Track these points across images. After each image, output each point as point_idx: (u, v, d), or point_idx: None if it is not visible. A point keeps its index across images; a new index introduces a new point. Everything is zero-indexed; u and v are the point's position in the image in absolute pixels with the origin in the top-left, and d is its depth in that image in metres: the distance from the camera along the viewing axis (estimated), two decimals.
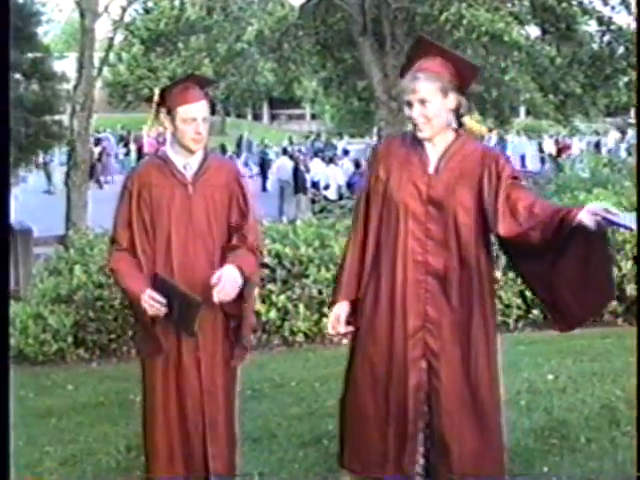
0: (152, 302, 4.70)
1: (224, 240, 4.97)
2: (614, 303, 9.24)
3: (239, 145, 45.51)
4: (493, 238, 4.53)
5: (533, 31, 22.80)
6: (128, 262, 4.89)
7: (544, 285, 4.46)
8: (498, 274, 9.67)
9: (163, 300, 4.69)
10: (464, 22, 19.01)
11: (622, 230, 3.96)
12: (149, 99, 4.98)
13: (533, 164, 38.17)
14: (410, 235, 4.44)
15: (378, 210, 4.54)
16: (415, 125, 4.42)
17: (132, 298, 4.86)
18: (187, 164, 4.95)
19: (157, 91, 4.95)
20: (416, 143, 4.49)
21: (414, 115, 4.38)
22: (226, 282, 4.66)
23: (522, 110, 47.43)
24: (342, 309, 4.65)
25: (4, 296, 3.76)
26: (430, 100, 4.35)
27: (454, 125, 4.54)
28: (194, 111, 4.84)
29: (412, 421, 4.53)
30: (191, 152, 4.92)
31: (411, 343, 4.48)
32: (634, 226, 4.07)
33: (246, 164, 37.89)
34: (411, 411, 4.52)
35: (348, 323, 4.70)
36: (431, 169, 4.46)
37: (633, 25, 20.74)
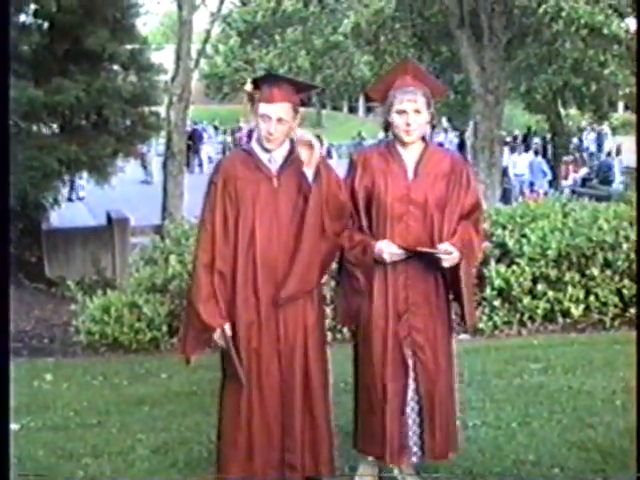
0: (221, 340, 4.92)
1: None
2: None
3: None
4: None
5: (633, 24, 22.33)
6: (208, 287, 4.91)
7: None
8: (595, 271, 9.52)
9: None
10: (563, 14, 18.70)
11: None
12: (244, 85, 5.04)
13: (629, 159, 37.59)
14: (395, 231, 5.00)
15: (366, 212, 5.08)
16: (403, 132, 4.99)
17: (205, 325, 4.92)
18: (271, 157, 4.95)
19: (249, 80, 4.99)
20: (392, 152, 5.09)
21: (409, 121, 4.95)
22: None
23: (620, 105, 46.69)
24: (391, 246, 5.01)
25: (4, 294, 3.75)
26: (422, 111, 4.98)
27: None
28: (270, 110, 4.85)
29: (403, 392, 5.05)
30: (264, 149, 4.95)
31: (400, 325, 5.03)
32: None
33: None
34: (403, 383, 5.04)
35: None
36: (410, 175, 5.06)
37: None
